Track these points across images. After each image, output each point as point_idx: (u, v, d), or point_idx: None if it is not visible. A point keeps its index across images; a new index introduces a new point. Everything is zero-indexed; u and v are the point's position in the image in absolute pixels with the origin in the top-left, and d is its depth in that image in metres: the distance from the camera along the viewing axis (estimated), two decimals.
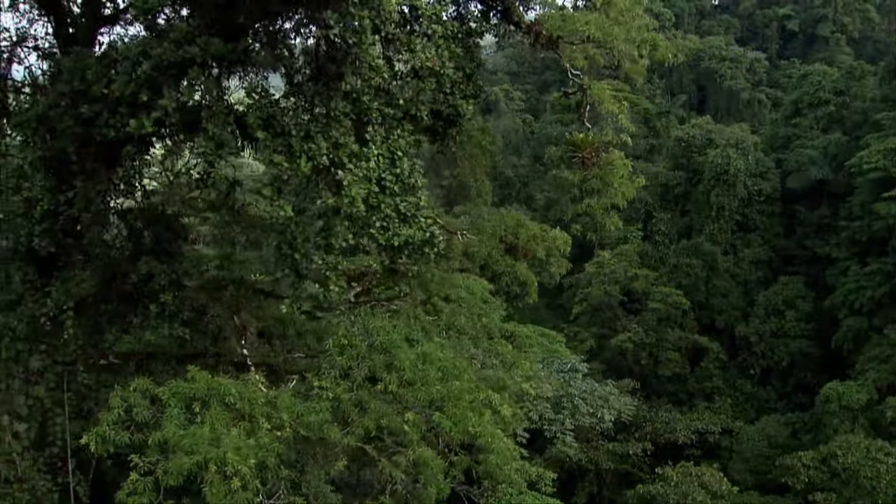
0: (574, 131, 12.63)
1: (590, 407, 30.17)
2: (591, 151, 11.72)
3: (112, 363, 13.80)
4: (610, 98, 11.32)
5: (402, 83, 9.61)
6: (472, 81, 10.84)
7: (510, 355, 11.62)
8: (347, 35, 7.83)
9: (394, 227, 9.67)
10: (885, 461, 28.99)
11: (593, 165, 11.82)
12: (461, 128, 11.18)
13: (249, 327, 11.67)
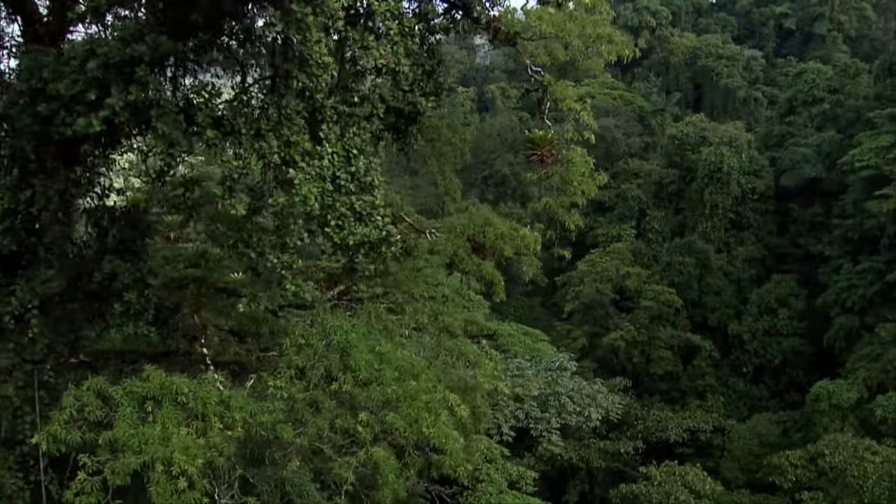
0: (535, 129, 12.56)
1: (577, 406, 30.14)
2: (550, 149, 11.66)
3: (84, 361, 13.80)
4: (572, 95, 11.23)
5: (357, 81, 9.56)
6: (433, 78, 10.79)
7: (473, 355, 11.55)
8: (291, 33, 7.78)
9: (349, 226, 9.62)
10: (871, 460, 28.93)
11: (552, 163, 11.75)
12: (422, 125, 11.12)
13: (210, 326, 11.62)
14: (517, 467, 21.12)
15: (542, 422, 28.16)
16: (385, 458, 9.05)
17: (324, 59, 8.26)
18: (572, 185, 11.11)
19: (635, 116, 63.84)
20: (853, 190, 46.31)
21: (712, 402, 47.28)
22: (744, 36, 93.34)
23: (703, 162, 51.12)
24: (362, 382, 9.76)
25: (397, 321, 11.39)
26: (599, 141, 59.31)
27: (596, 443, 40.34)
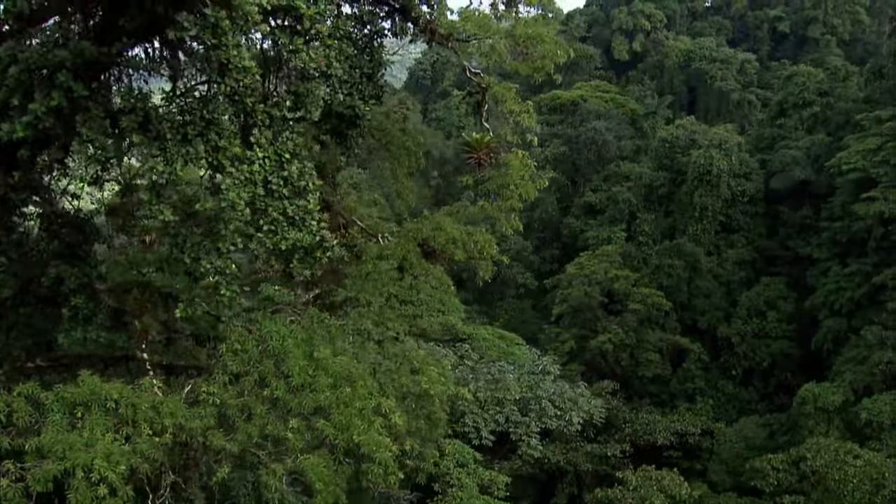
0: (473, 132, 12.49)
1: (558, 409, 30.03)
2: (487, 152, 11.59)
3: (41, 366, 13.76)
4: (513, 98, 11.17)
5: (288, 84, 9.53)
6: (373, 82, 10.75)
7: (417, 361, 11.48)
8: (206, 37, 7.75)
9: (282, 231, 9.58)
10: (853, 464, 28.77)
11: (489, 166, 11.69)
12: (363, 129, 11.08)
13: (152, 331, 11.59)
14: (489, 472, 21.07)
15: (521, 426, 28.06)
16: (314, 466, 8.99)
17: (244, 64, 8.22)
18: (509, 188, 11.01)
19: (627, 119, 63.80)
20: (841, 192, 46.24)
21: (701, 404, 47.17)
22: (738, 39, 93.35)
23: (692, 164, 51.07)
24: (295, 389, 9.70)
25: (340, 327, 11.33)
26: (590, 144, 59.59)
27: (583, 446, 40.28)
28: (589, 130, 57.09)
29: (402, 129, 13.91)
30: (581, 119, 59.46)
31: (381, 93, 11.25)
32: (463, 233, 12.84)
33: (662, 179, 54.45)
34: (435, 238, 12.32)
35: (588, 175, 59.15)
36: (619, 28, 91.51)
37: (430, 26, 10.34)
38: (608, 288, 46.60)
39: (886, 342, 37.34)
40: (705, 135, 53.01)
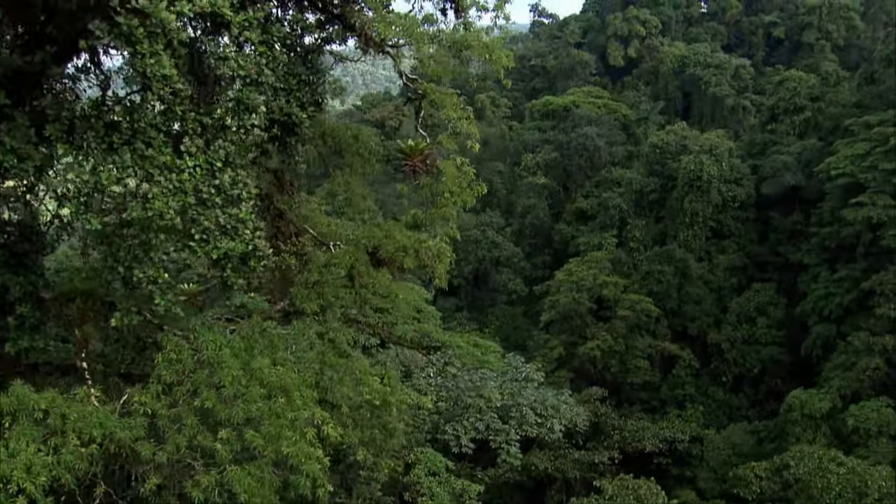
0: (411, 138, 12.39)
1: (539, 417, 29.81)
2: (422, 159, 11.50)
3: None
4: (452, 104, 11.08)
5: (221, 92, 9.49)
6: (312, 88, 10.69)
7: (360, 371, 11.37)
8: (120, 45, 7.71)
9: (214, 240, 9.52)
10: (836, 471, 28.52)
11: (423, 174, 11.59)
12: (301, 136, 11.01)
13: (92, 340, 11.51)
14: (462, 481, 20.90)
15: (501, 433, 27.85)
16: (240, 478, 8.89)
17: (164, 72, 8.17)
18: (443, 195, 10.90)
19: (619, 125, 63.77)
20: (831, 198, 46.09)
21: (691, 411, 46.91)
22: (734, 45, 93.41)
23: (682, 170, 50.96)
24: (227, 399, 9.61)
25: (283, 336, 11.24)
26: (582, 150, 59.53)
27: (571, 453, 40.07)
28: (580, 136, 57.05)
29: (355, 135, 13.81)
30: (573, 125, 59.43)
31: (322, 99, 11.17)
32: (415, 240, 12.73)
33: (653, 185, 54.34)
34: (385, 246, 12.20)
35: (580, 181, 59.10)
36: (614, 34, 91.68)
37: (365, 31, 10.28)
38: (597, 294, 46.43)
39: (874, 348, 37.12)
40: (696, 140, 52.92)
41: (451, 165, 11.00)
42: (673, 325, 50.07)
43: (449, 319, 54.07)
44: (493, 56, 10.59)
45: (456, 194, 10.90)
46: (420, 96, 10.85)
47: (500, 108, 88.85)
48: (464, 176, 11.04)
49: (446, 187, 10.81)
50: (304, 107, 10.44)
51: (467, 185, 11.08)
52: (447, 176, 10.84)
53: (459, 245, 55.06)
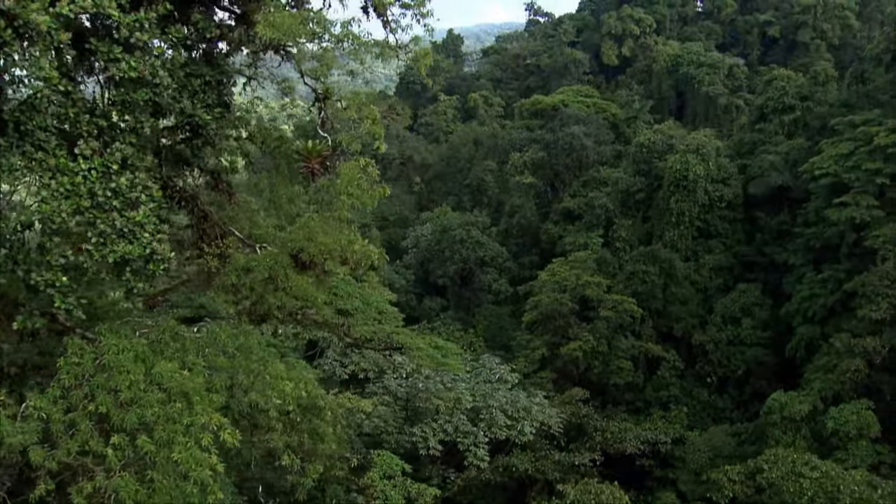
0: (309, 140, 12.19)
1: (510, 419, 29.64)
2: (320, 161, 11.32)
3: None
4: (356, 105, 10.88)
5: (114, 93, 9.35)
6: (218, 90, 10.53)
7: (271, 375, 11.21)
8: None
9: (111, 244, 9.38)
10: (809, 475, 28.23)
11: (322, 175, 11.41)
12: (208, 138, 10.85)
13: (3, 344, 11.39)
14: (418, 484, 20.72)
15: (470, 435, 27.71)
16: (126, 485, 8.75)
17: (43, 74, 8.04)
18: (340, 198, 10.71)
19: (608, 124, 63.45)
20: (816, 198, 45.72)
21: (675, 412, 46.63)
22: (729, 44, 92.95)
23: (668, 170, 50.63)
24: (124, 403, 9.48)
25: (195, 340, 11.09)
26: (568, 149, 59.26)
27: (552, 454, 39.87)
28: (567, 135, 56.75)
29: (280, 136, 13.65)
30: (560, 124, 59.14)
31: (230, 101, 11.01)
32: (341, 242, 12.56)
33: (640, 185, 54.03)
34: (307, 249, 12.02)
35: (567, 180, 58.82)
36: (608, 33, 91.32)
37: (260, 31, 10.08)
38: (580, 295, 46.17)
39: (855, 350, 36.77)
40: (683, 140, 52.57)
41: (350, 167, 10.80)
42: (658, 325, 49.75)
43: (434, 319, 53.96)
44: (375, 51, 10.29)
45: (355, 196, 10.69)
46: (323, 97, 10.65)
47: (492, 106, 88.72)
48: (367, 177, 10.83)
49: (343, 189, 10.60)
50: (210, 108, 10.29)
51: (369, 186, 10.86)
52: (343, 178, 10.63)
53: (444, 245, 55.02)
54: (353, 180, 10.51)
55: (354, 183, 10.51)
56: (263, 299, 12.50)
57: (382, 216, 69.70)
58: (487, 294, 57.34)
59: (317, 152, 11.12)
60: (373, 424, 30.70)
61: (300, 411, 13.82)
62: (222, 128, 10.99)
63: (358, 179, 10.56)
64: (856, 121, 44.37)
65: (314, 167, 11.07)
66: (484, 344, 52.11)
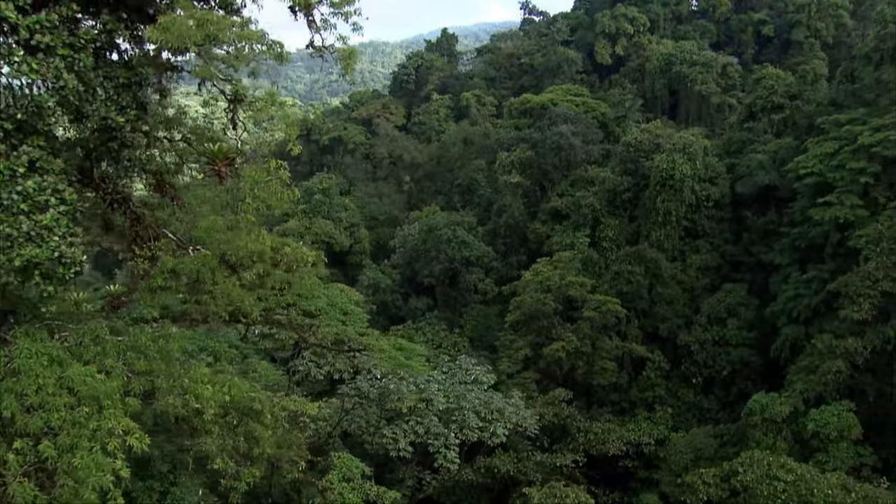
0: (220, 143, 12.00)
1: (483, 421, 29.47)
2: (227, 163, 11.18)
3: None
4: (267, 105, 10.70)
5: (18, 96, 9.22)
6: (130, 92, 10.40)
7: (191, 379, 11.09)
8: None
9: (17, 247, 9.27)
10: (784, 478, 28.06)
11: (229, 178, 11.25)
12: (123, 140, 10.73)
13: None
14: (377, 487, 20.61)
15: (440, 437, 27.56)
16: (23, 491, 8.64)
17: None
18: (245, 201, 10.54)
19: (596, 123, 63.21)
20: (802, 197, 45.45)
21: (660, 413, 46.41)
22: (723, 42, 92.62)
23: (654, 169, 50.38)
24: (30, 408, 9.38)
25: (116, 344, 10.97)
26: (556, 148, 59.06)
27: (534, 456, 39.75)
28: (554, 135, 56.52)
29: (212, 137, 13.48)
30: (549, 123, 58.91)
31: (145, 102, 10.87)
32: (272, 244, 12.41)
33: (627, 184, 53.78)
34: (235, 252, 11.88)
35: (556, 180, 58.60)
36: (602, 31, 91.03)
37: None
38: (563, 295, 45.98)
39: (836, 351, 36.53)
40: (670, 139, 52.31)
41: (256, 170, 10.64)
42: (644, 325, 49.52)
43: (420, 319, 53.86)
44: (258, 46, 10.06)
45: (261, 199, 10.54)
46: (235, 99, 10.50)
47: (485, 106, 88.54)
48: (277, 180, 10.67)
49: (248, 192, 10.45)
50: (124, 111, 10.17)
51: (278, 189, 10.71)
52: (248, 180, 10.48)
53: (430, 244, 54.86)
54: (259, 183, 10.36)
55: (261, 185, 10.36)
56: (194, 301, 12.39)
57: (372, 216, 69.67)
58: (475, 294, 57.22)
59: (223, 154, 10.97)
60: (355, 424, 30.63)
61: (237, 414, 13.74)
62: (138, 130, 10.84)
63: (265, 182, 10.41)
64: (841, 120, 44.09)
65: (221, 170, 10.92)
66: (469, 344, 52.01)
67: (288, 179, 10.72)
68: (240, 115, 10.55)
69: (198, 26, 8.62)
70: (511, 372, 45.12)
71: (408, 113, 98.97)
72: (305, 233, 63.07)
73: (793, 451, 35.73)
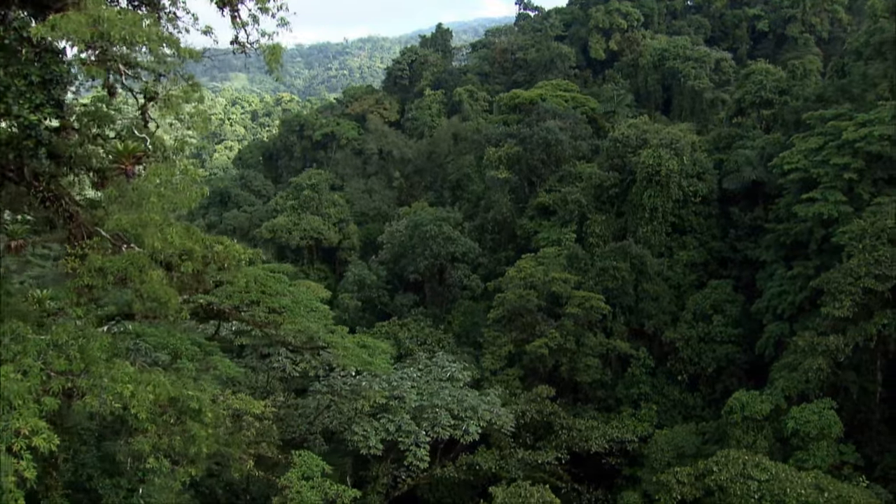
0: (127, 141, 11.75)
1: (456, 419, 29.27)
2: (134, 162, 10.95)
3: None
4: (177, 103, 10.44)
5: None
6: (46, 90, 10.17)
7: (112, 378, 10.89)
8: None
9: None
10: (758, 477, 27.80)
11: (134, 176, 11.03)
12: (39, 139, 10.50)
13: None
14: (337, 486, 20.44)
15: (411, 435, 27.38)
16: None
17: None
18: (150, 199, 10.30)
19: (585, 119, 62.83)
20: (787, 193, 45.11)
21: (645, 410, 46.20)
22: (718, 38, 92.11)
23: (640, 165, 50.04)
24: None
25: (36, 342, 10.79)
26: (543, 144, 58.70)
27: (516, 453, 39.59)
28: (541, 130, 56.17)
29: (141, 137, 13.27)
30: (537, 118, 58.56)
31: (60, 101, 10.63)
32: (201, 242, 12.20)
33: (613, 180, 53.45)
34: (163, 250, 11.66)
35: (544, 175, 58.30)
36: (595, 26, 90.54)
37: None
38: (548, 291, 45.73)
39: (817, 348, 36.26)
40: (657, 134, 51.95)
41: (160, 168, 10.42)
42: (630, 322, 49.27)
43: (405, 315, 53.63)
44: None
45: (166, 198, 10.32)
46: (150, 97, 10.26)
47: (478, 101, 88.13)
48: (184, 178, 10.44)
49: (152, 190, 10.23)
50: (38, 108, 9.94)
51: (186, 187, 10.47)
52: (152, 179, 10.25)
53: (416, 240, 54.61)
54: (164, 182, 10.13)
55: (166, 184, 10.14)
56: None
57: (361, 211, 69.45)
58: (464, 290, 57.01)
59: (130, 153, 10.74)
60: (336, 420, 30.48)
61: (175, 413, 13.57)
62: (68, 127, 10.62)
63: (170, 180, 10.18)
64: (826, 115, 43.71)
65: (128, 168, 10.70)
66: (455, 340, 51.77)
67: (197, 177, 10.49)
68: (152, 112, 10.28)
69: (90, 24, 8.37)
70: (494, 369, 44.91)
71: (402, 108, 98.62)
72: (294, 228, 62.94)
73: (773, 449, 35.51)
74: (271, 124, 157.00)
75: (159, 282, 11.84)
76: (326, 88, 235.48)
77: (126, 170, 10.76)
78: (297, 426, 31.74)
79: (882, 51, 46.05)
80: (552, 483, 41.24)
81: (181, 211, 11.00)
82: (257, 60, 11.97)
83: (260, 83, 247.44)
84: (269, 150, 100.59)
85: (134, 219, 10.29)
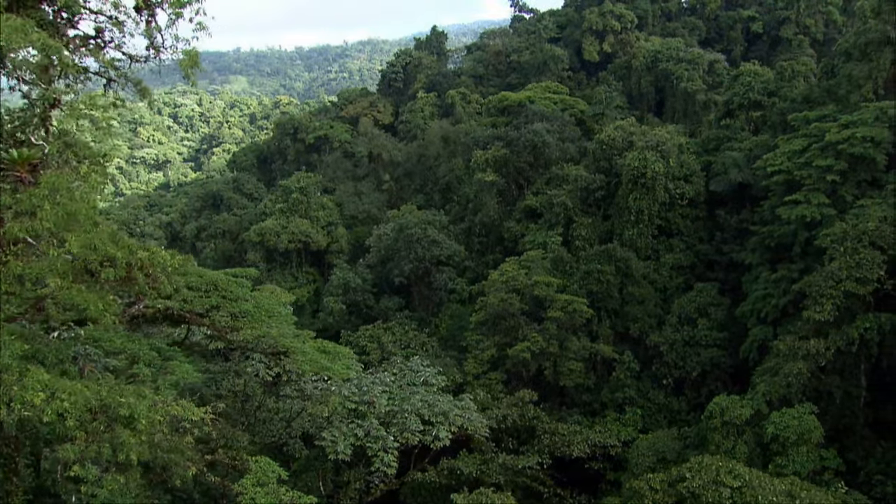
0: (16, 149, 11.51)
1: (425, 424, 28.95)
2: (29, 169, 10.71)
3: None
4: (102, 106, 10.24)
5: None
6: None
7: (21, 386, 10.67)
8: None
9: None
10: (730, 484, 27.38)
11: (31, 184, 10.79)
12: None
13: None
14: (293, 492, 20.16)
15: (379, 440, 27.09)
16: None
17: None
18: (44, 208, 10.06)
19: (574, 121, 62.50)
20: (773, 195, 44.69)
21: (630, 415, 45.79)
22: (712, 39, 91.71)
23: (626, 167, 49.71)
24: None
25: None
26: (530, 146, 58.41)
27: (497, 457, 39.26)
28: (528, 132, 55.89)
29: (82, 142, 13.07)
30: (525, 121, 58.28)
31: None
32: (126, 249, 11.97)
33: (600, 182, 53.11)
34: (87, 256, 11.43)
35: (531, 178, 57.99)
36: (589, 28, 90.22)
37: None
38: (530, 295, 45.39)
39: (798, 353, 35.82)
40: (643, 136, 51.60)
41: (55, 176, 10.17)
42: (615, 325, 48.87)
43: (390, 319, 53.38)
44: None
45: (61, 206, 10.08)
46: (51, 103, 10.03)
47: (470, 104, 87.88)
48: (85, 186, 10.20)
49: (45, 199, 9.99)
50: None
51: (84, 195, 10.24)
52: (44, 186, 10.02)
53: (401, 243, 54.38)
54: (58, 189, 9.90)
55: (61, 192, 9.90)
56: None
57: (351, 214, 69.23)
58: (451, 294, 56.72)
59: (25, 160, 10.50)
60: (315, 424, 30.21)
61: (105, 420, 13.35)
62: None
63: (66, 187, 9.95)
64: (810, 117, 43.32)
65: (23, 175, 10.46)
66: (440, 344, 51.50)
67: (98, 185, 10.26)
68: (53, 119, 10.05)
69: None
70: (477, 373, 44.61)
71: (396, 111, 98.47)
72: (282, 232, 62.78)
73: (753, 454, 35.08)
74: (269, 127, 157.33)
75: (78, 289, 11.62)
76: (326, 91, 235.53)
77: (21, 177, 10.51)
78: (277, 430, 31.51)
79: (867, 52, 45.63)
80: (534, 488, 41.02)
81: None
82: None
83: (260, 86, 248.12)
84: (264, 153, 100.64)
85: (27, 227, 10.05)
